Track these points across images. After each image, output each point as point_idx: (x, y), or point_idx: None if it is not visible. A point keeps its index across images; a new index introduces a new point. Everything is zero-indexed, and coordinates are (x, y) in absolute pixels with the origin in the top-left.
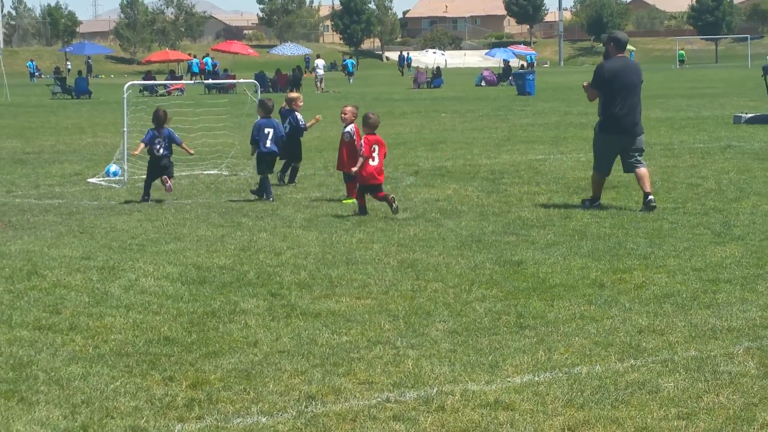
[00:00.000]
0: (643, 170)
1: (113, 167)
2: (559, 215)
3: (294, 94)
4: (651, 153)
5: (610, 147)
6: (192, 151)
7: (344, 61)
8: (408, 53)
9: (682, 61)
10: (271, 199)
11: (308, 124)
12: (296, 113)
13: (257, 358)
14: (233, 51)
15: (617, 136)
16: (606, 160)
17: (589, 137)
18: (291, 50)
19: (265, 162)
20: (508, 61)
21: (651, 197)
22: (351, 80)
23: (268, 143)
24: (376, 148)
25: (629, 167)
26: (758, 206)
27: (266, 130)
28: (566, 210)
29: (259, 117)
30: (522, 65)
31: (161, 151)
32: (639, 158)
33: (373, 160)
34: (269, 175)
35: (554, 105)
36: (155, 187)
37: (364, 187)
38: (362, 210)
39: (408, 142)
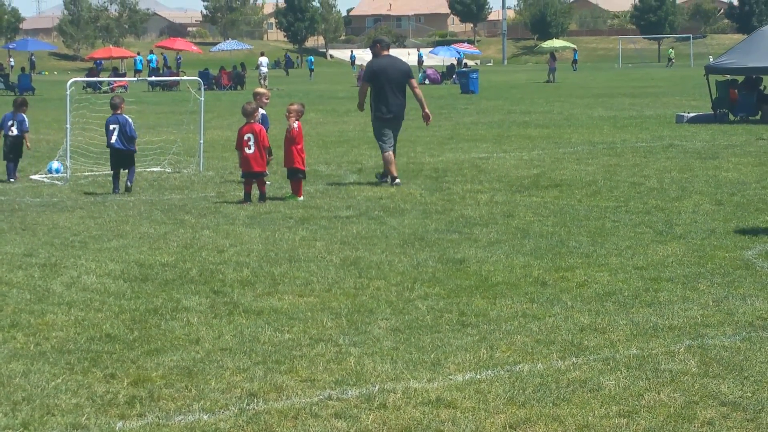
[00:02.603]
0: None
1: (55, 164)
2: (501, 213)
3: (261, 90)
4: (594, 152)
5: (386, 129)
6: (29, 146)
7: (308, 57)
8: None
9: (671, 59)
10: (117, 191)
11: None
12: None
13: (199, 355)
14: (177, 48)
15: (387, 122)
16: (387, 138)
17: (532, 135)
18: (231, 46)
19: (111, 158)
20: (422, 60)
21: (397, 180)
22: (312, 77)
23: (113, 139)
24: (251, 137)
25: (394, 148)
26: (699, 205)
27: (111, 127)
28: (509, 208)
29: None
30: (465, 63)
31: (15, 131)
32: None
33: (249, 149)
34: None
35: (497, 103)
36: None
37: (245, 174)
38: (245, 196)
39: (351, 139)
